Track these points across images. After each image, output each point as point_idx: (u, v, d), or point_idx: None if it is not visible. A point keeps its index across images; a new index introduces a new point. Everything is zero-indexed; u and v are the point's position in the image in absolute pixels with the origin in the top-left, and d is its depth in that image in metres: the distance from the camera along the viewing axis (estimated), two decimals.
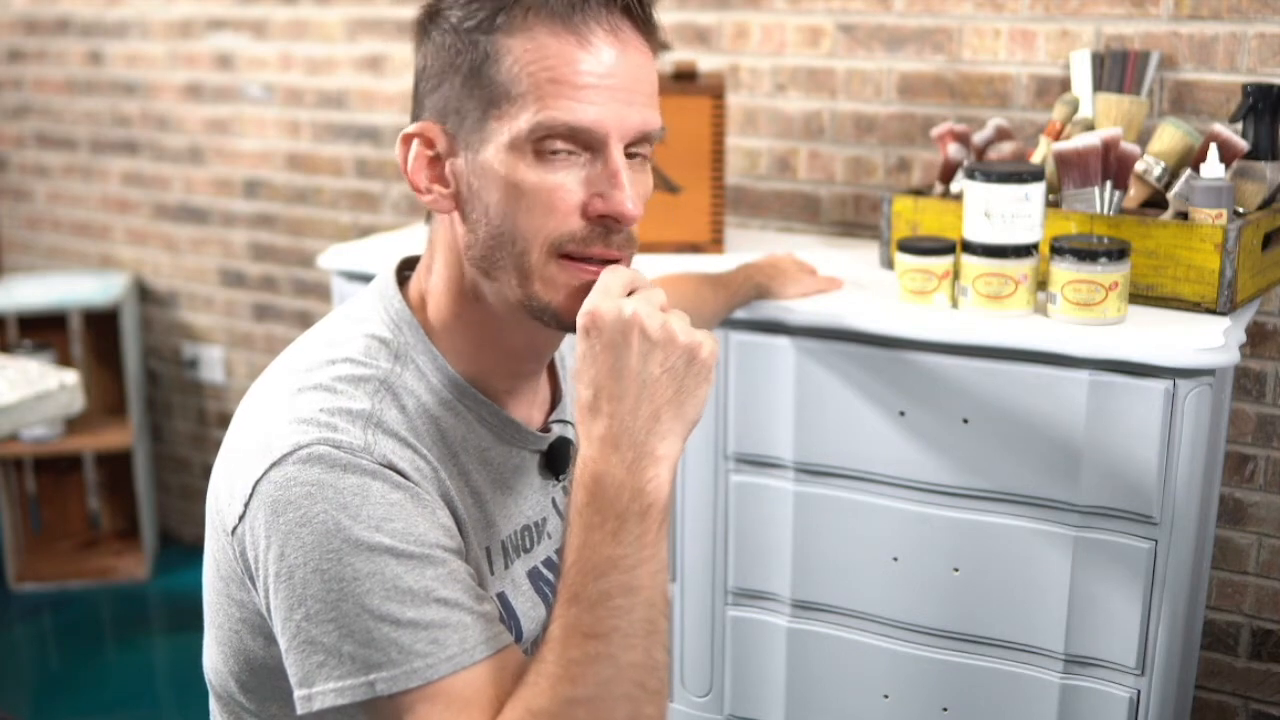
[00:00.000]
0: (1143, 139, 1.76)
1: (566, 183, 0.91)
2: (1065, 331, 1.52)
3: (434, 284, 1.00)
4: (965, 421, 1.57)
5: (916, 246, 1.63)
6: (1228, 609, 1.96)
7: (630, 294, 0.91)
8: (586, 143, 0.92)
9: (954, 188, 1.81)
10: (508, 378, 1.02)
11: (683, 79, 2.00)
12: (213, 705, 1.06)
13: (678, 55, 2.22)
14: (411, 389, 0.96)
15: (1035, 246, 1.58)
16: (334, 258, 2.04)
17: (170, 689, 2.66)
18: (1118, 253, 1.53)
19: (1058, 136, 1.73)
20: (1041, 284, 1.61)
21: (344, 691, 0.86)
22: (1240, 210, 1.65)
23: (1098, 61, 1.83)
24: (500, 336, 0.99)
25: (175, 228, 3.00)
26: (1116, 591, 1.54)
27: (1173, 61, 1.84)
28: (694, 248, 1.97)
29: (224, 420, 3.05)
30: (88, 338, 3.07)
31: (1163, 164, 1.69)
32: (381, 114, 2.61)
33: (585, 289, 0.92)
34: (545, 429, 1.06)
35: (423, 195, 0.96)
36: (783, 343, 1.67)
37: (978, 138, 1.84)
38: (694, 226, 1.97)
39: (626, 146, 0.94)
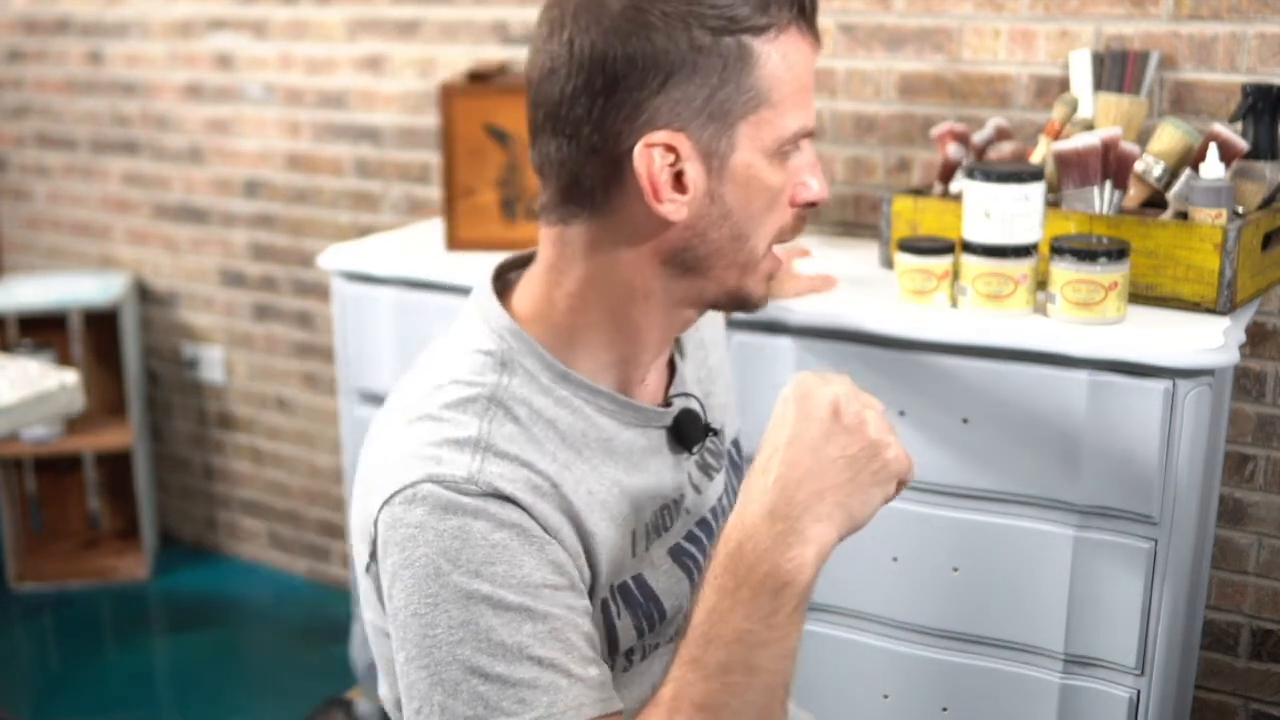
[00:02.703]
0: (1142, 139, 1.76)
1: (788, 179, 0.94)
2: (1065, 331, 1.52)
3: (572, 288, 0.96)
4: (965, 421, 1.57)
5: (916, 246, 1.63)
6: (1228, 609, 1.96)
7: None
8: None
9: (954, 188, 1.81)
10: (639, 369, 1.01)
11: None
12: None
13: None
14: (522, 397, 0.94)
15: (1035, 246, 1.58)
16: (334, 258, 2.04)
17: (170, 689, 2.66)
18: (1117, 253, 1.53)
19: (1057, 136, 1.73)
20: (1041, 284, 1.61)
21: None
22: (1240, 210, 1.65)
23: (1098, 61, 1.83)
24: (647, 333, 0.98)
25: (175, 228, 3.00)
26: (1116, 591, 1.54)
27: (1173, 61, 1.84)
28: None
29: (224, 420, 3.05)
30: (88, 338, 3.07)
31: (1162, 164, 1.69)
32: (381, 114, 2.61)
33: (776, 270, 0.98)
34: (666, 404, 1.05)
35: (661, 205, 0.90)
36: (783, 343, 1.67)
37: (977, 138, 1.84)
38: None
39: None
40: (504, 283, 1.03)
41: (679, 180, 0.91)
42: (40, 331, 3.02)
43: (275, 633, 2.81)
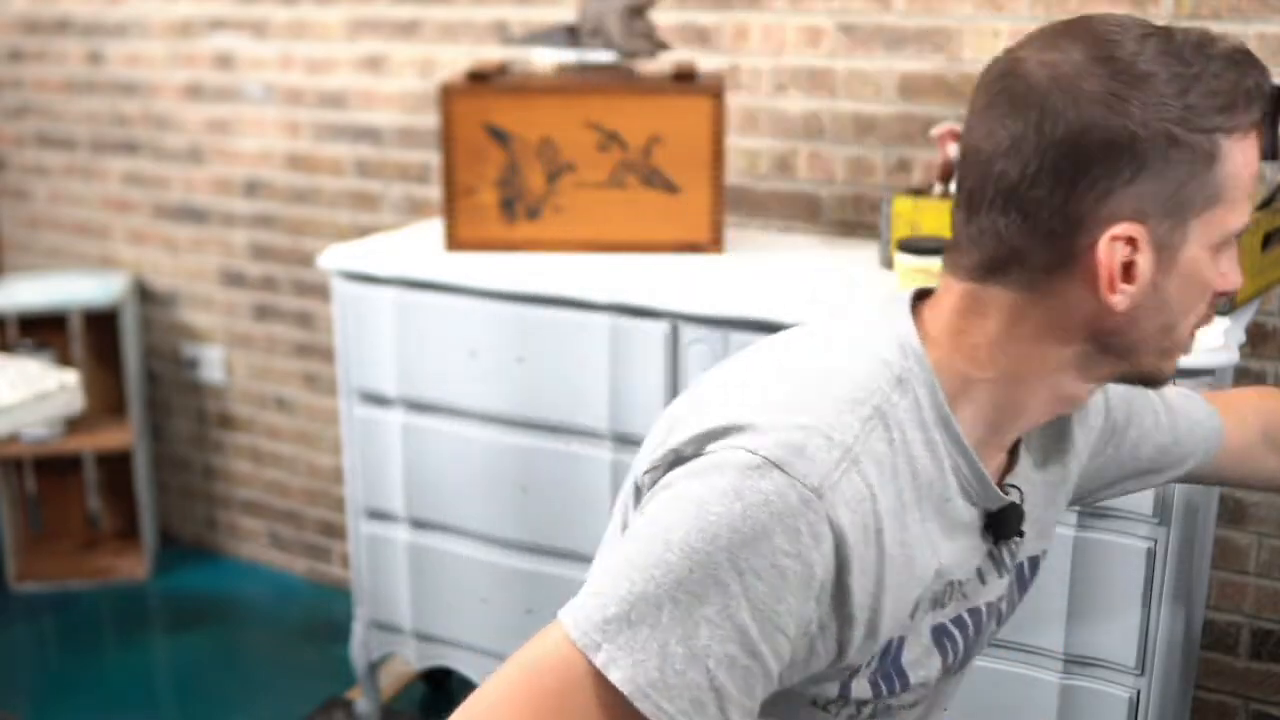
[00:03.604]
0: None
1: (1218, 270, 0.93)
2: None
3: (979, 341, 0.94)
4: None
5: (916, 246, 1.63)
6: (1228, 609, 1.96)
7: None
8: None
9: (954, 188, 1.81)
10: (1003, 438, 0.98)
11: (683, 79, 2.00)
12: None
13: (678, 55, 2.22)
14: (902, 422, 0.92)
15: None
16: (334, 258, 2.04)
17: (170, 689, 2.66)
18: None
19: None
20: None
21: (579, 627, 0.85)
22: None
23: None
24: (1034, 405, 0.96)
25: (175, 228, 3.00)
26: (1116, 591, 1.54)
27: None
28: (694, 247, 1.97)
29: (224, 420, 3.05)
30: (88, 338, 3.07)
31: None
32: (381, 114, 2.61)
33: (1189, 350, 0.97)
34: (1001, 488, 1.02)
35: (1112, 295, 0.89)
36: None
37: None
38: (694, 226, 1.98)
39: None
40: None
41: (1127, 270, 0.89)
42: (40, 331, 3.02)
43: (275, 633, 2.81)
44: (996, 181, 0.90)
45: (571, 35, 2.04)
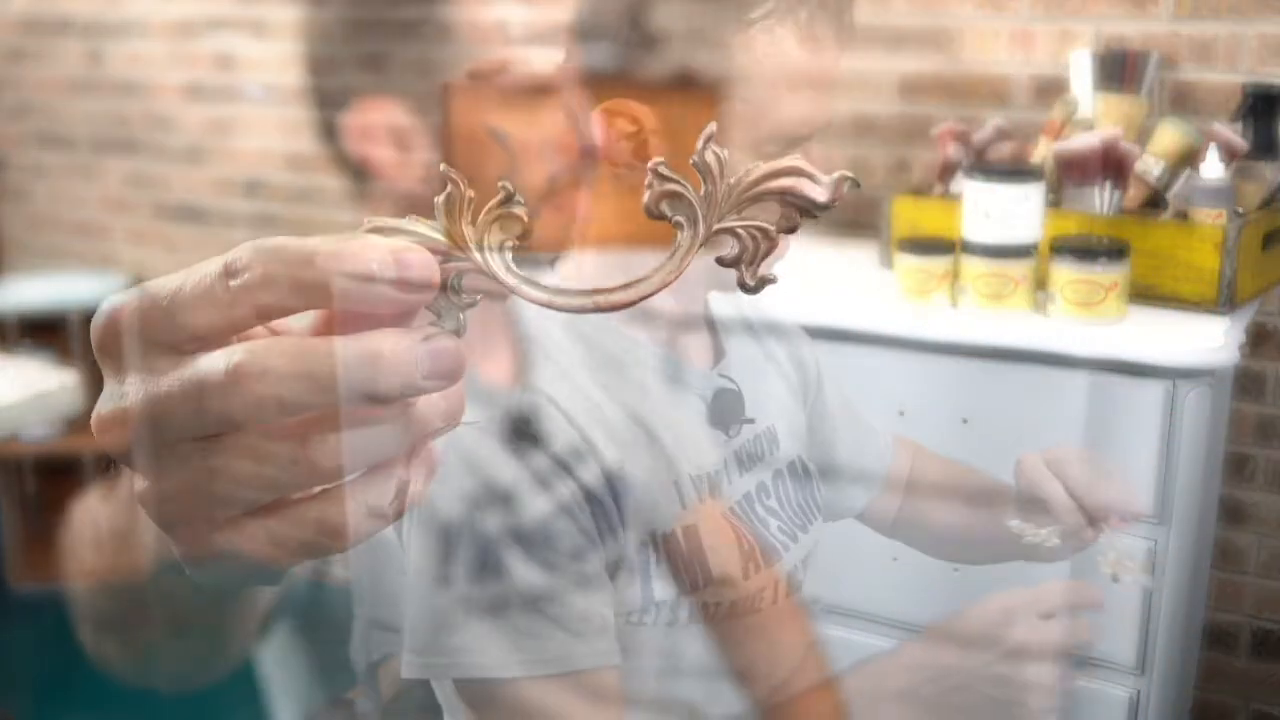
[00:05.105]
0: (1142, 139, 1.76)
1: None
2: (1065, 331, 1.52)
3: None
4: (965, 421, 1.57)
5: (916, 246, 1.63)
6: (1228, 609, 1.96)
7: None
8: None
9: (954, 188, 1.81)
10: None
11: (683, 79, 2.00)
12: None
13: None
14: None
15: (1035, 246, 1.57)
16: None
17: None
18: (1117, 253, 1.53)
19: (1057, 136, 1.73)
20: (1041, 284, 1.61)
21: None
22: (1240, 210, 1.65)
23: (1097, 61, 1.83)
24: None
25: (175, 228, 3.00)
26: (1117, 591, 1.54)
27: (1173, 61, 1.83)
28: None
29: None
30: (88, 338, 3.07)
31: (1162, 164, 1.69)
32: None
33: None
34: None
35: None
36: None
37: (977, 138, 1.84)
38: None
39: None
40: None
41: None
42: (40, 332, 3.01)
43: (275, 633, 2.81)
44: None
45: (572, 35, 2.04)
